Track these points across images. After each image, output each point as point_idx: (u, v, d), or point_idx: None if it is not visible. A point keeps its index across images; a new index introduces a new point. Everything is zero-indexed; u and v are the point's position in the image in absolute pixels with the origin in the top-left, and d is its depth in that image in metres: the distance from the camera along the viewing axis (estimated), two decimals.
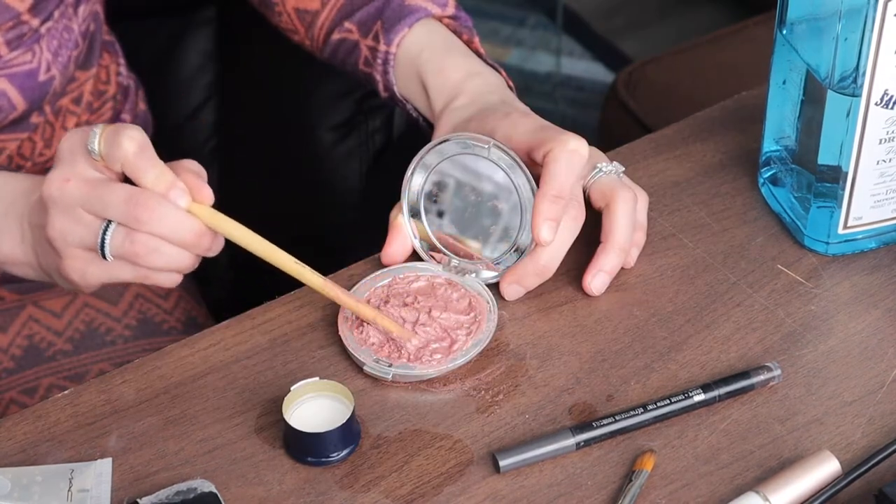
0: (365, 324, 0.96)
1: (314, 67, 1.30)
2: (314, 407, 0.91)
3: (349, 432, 0.89)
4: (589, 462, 0.89)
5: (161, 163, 0.92)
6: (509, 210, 0.98)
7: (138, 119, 1.30)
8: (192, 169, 0.94)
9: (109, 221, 0.91)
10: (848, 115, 0.95)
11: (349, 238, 1.36)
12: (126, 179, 0.93)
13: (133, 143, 0.91)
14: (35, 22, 1.12)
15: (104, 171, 0.92)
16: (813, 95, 0.97)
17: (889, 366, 0.94)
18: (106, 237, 0.91)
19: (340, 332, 0.96)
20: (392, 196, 1.01)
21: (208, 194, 0.92)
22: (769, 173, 1.05)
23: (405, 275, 0.99)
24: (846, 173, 0.98)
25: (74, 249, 0.93)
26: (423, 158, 0.99)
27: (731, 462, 0.89)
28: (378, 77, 1.09)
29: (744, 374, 0.93)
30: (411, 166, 0.99)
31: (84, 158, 0.92)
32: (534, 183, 0.96)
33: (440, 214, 1.00)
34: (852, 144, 0.96)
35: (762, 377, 0.92)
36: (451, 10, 1.09)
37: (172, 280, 0.95)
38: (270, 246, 0.93)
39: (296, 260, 0.93)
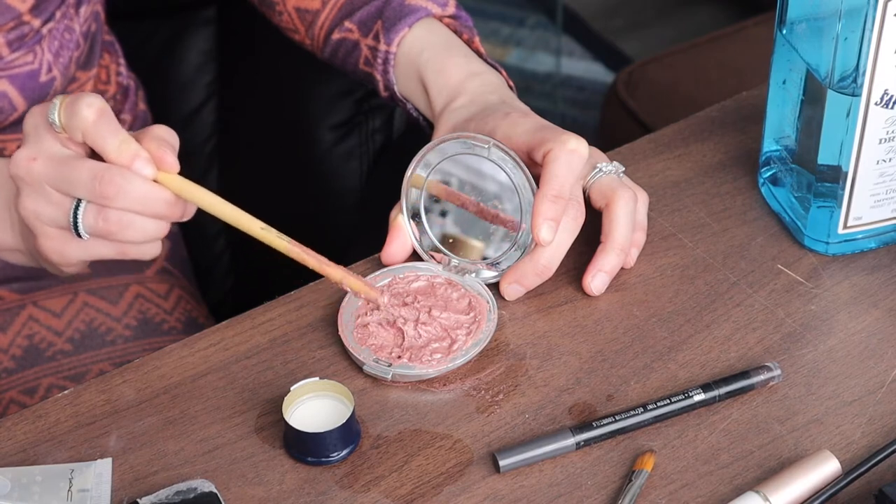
0: (365, 324, 0.96)
1: (314, 67, 1.30)
2: (314, 407, 0.91)
3: (349, 432, 0.89)
4: (589, 462, 0.89)
5: (123, 131, 0.89)
6: (509, 210, 0.98)
7: (138, 119, 1.30)
8: (160, 135, 0.91)
9: (80, 200, 0.90)
10: (848, 114, 0.95)
11: (349, 238, 1.35)
12: (94, 153, 0.91)
13: (91, 110, 0.89)
14: (36, 23, 1.12)
15: (68, 145, 0.91)
16: (813, 95, 0.97)
17: (889, 366, 0.94)
18: (78, 216, 0.90)
19: (340, 332, 0.96)
20: (392, 196, 1.01)
21: (172, 162, 0.90)
22: (769, 173, 1.05)
23: (405, 274, 0.99)
24: (846, 173, 0.98)
25: (48, 228, 0.92)
26: (424, 158, 0.99)
27: (731, 462, 0.89)
28: (378, 76, 1.09)
29: (744, 374, 0.93)
30: (411, 166, 0.99)
31: (48, 134, 0.91)
32: (534, 183, 0.96)
33: (442, 214, 1.00)
34: (852, 144, 0.96)
35: (762, 377, 0.93)
36: (451, 9, 1.09)
37: (152, 250, 0.93)
38: (238, 210, 0.91)
39: (262, 224, 0.91)
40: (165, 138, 0.91)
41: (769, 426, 0.91)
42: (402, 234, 1.01)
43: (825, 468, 0.87)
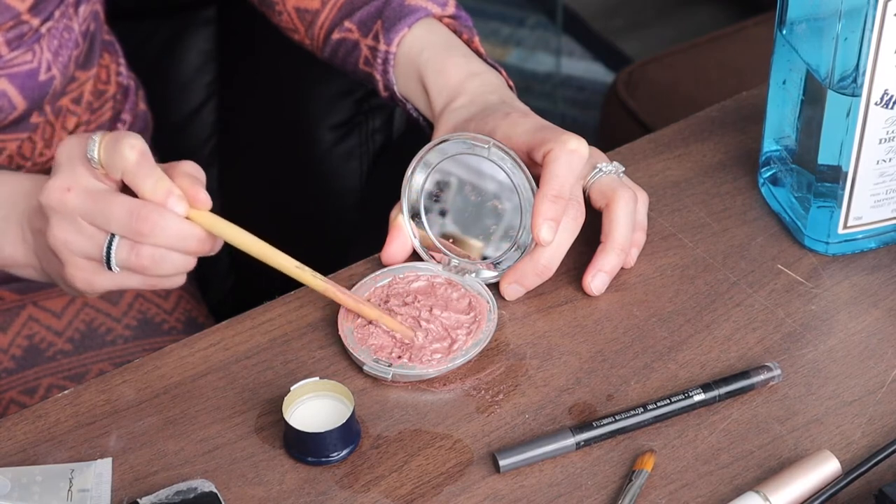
0: (365, 324, 0.96)
1: (314, 67, 1.30)
2: (314, 407, 0.91)
3: (349, 432, 0.89)
4: (589, 462, 0.89)
5: (159, 170, 0.91)
6: (509, 210, 0.98)
7: (138, 119, 1.30)
8: (189, 172, 0.93)
9: (113, 234, 0.91)
10: (848, 114, 0.95)
11: (349, 238, 1.35)
12: (124, 187, 0.93)
13: (134, 152, 0.91)
14: (35, 22, 1.12)
15: (103, 180, 0.92)
16: (813, 95, 0.97)
17: (889, 366, 0.94)
18: (112, 251, 0.92)
19: (340, 332, 0.96)
20: (392, 196, 1.01)
21: (205, 199, 0.92)
22: (769, 173, 1.05)
23: (405, 274, 0.99)
24: (846, 173, 0.98)
25: (78, 259, 0.93)
26: (424, 158, 0.99)
27: (731, 462, 0.89)
28: (378, 76, 1.09)
29: (744, 374, 0.93)
30: (411, 166, 0.99)
31: (83, 166, 0.92)
32: (534, 183, 0.96)
33: (442, 214, 1.00)
34: (852, 144, 0.96)
35: (762, 377, 0.92)
36: (451, 9, 1.09)
37: (178, 282, 0.96)
38: (271, 249, 0.93)
39: (297, 263, 0.93)
40: (195, 175, 0.93)
41: (769, 426, 0.91)
42: (402, 234, 1.01)
43: (825, 468, 0.87)
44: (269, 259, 0.93)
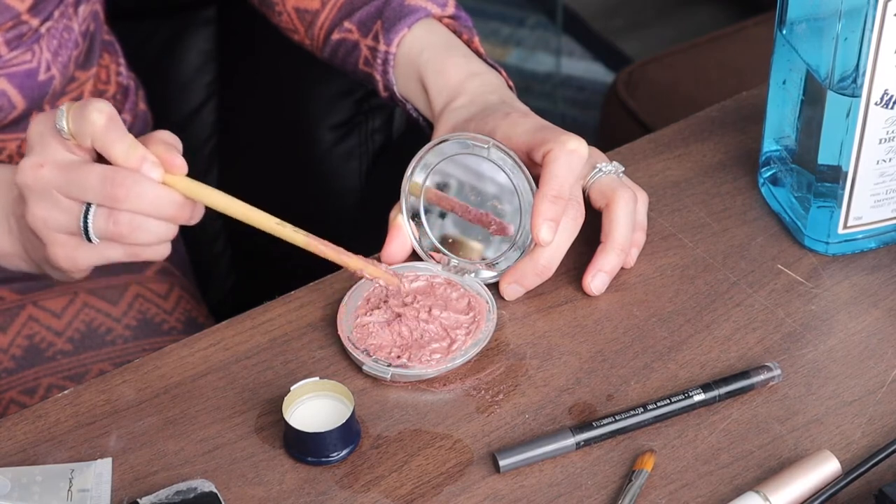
0: (365, 324, 0.96)
1: (314, 67, 1.30)
2: (314, 407, 0.91)
3: (349, 432, 0.89)
4: (589, 462, 0.89)
5: (130, 135, 0.90)
6: (509, 210, 0.98)
7: (138, 119, 1.30)
8: (165, 139, 0.92)
9: (89, 204, 0.91)
10: (848, 115, 0.95)
11: (349, 238, 1.35)
12: (99, 158, 0.92)
13: (102, 115, 0.90)
14: (35, 22, 1.12)
15: (76, 151, 0.91)
16: (813, 95, 0.97)
17: (889, 366, 0.94)
18: (88, 220, 0.91)
19: (340, 332, 0.96)
20: (392, 196, 1.01)
21: (181, 164, 0.91)
22: (769, 173, 1.05)
23: (405, 274, 0.99)
24: (846, 173, 0.98)
25: (58, 235, 0.93)
26: (423, 158, 0.99)
27: (731, 462, 0.89)
28: (378, 77, 1.09)
29: (744, 374, 0.93)
30: (411, 166, 0.99)
31: (54, 140, 0.91)
32: (533, 183, 0.96)
33: (441, 215, 1.00)
34: (852, 144, 0.96)
35: (762, 377, 0.92)
36: (451, 9, 1.09)
37: (162, 251, 0.94)
38: (250, 208, 0.92)
39: (277, 220, 0.92)
40: (170, 142, 0.92)
41: (769, 426, 0.91)
42: (402, 234, 1.01)
43: (825, 468, 0.87)
44: (249, 218, 0.92)
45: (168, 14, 1.45)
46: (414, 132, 1.16)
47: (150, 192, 0.90)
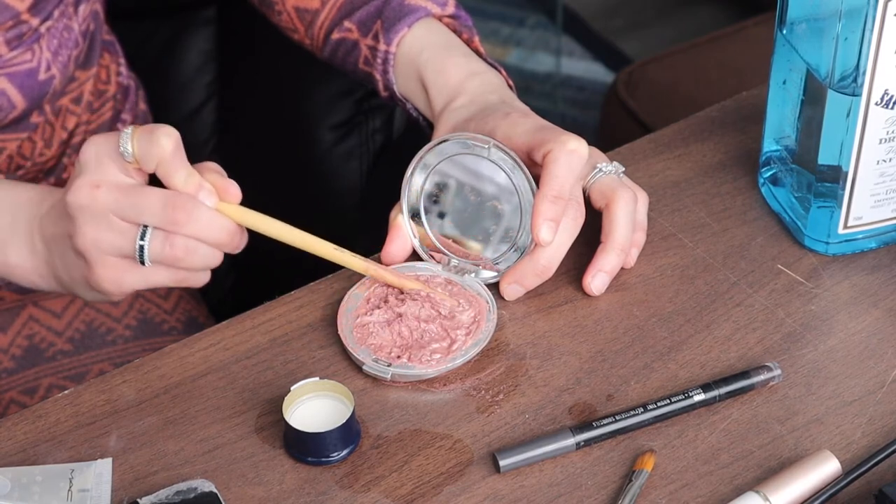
0: (365, 324, 0.96)
1: (314, 67, 1.30)
2: (314, 407, 0.91)
3: (349, 432, 0.89)
4: (589, 462, 0.89)
5: (189, 164, 0.92)
6: (509, 210, 0.98)
7: (139, 119, 1.30)
8: (216, 169, 0.94)
9: (146, 227, 0.91)
10: (848, 114, 0.95)
11: (349, 238, 1.35)
12: (152, 182, 0.93)
13: (171, 141, 0.91)
14: (35, 21, 1.12)
15: (133, 175, 0.92)
16: (813, 95, 0.97)
17: (889, 366, 0.94)
18: (144, 243, 0.91)
19: (340, 332, 0.96)
20: (392, 196, 1.01)
21: (236, 193, 0.93)
22: (769, 173, 1.05)
23: (405, 274, 0.99)
24: (846, 173, 0.98)
25: (108, 257, 0.93)
26: (423, 158, 0.99)
27: (731, 462, 0.89)
28: (378, 76, 1.09)
29: (744, 374, 0.93)
30: (411, 166, 0.99)
31: (112, 162, 0.92)
32: (533, 183, 0.96)
33: (441, 215, 1.00)
34: (852, 144, 0.96)
35: (762, 377, 0.92)
36: (451, 9, 1.09)
37: (203, 278, 0.96)
38: (306, 235, 0.94)
39: (335, 246, 0.95)
40: (221, 172, 0.94)
41: (769, 426, 0.91)
42: (402, 233, 1.01)
43: (825, 468, 0.87)
44: (306, 245, 0.94)
45: (168, 14, 1.45)
46: (414, 132, 1.16)
47: (206, 218, 0.91)
